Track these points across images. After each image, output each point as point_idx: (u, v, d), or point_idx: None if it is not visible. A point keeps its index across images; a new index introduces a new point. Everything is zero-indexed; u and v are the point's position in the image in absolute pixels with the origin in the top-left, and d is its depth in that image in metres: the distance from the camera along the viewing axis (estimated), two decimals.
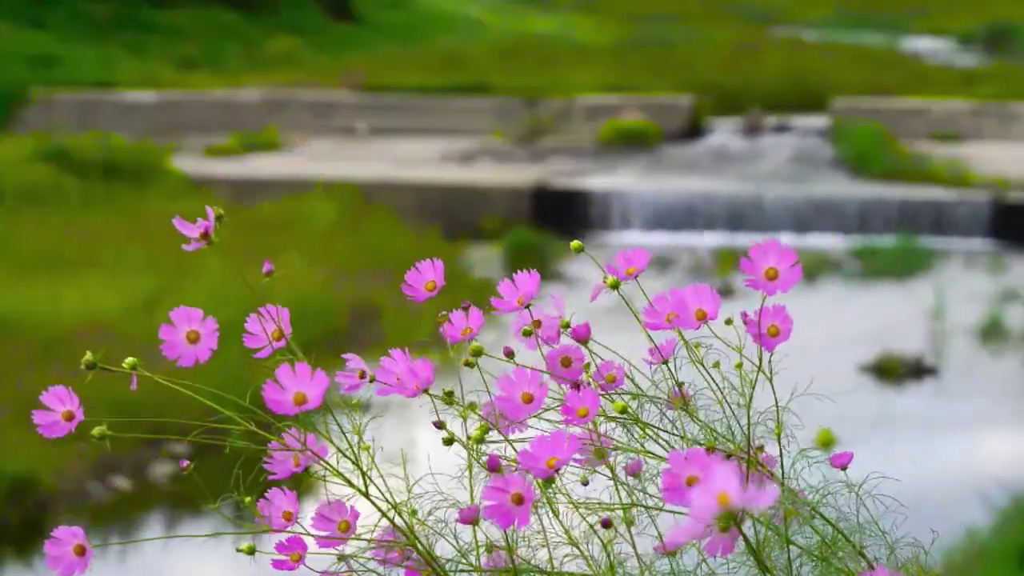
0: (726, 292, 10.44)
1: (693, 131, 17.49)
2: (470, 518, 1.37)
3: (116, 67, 19.97)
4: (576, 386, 1.40)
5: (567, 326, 1.44)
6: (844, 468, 1.42)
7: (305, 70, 20.45)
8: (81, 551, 1.37)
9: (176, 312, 1.38)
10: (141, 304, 9.85)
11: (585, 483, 1.41)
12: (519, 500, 1.29)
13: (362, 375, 1.45)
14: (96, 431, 1.42)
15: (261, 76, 19.93)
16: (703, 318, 1.39)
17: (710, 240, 13.39)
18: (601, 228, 13.78)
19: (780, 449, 1.40)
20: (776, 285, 1.41)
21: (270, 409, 1.40)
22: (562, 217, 13.68)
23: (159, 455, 8.07)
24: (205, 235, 1.43)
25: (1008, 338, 10.65)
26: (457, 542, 1.41)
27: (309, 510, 1.46)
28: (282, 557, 1.44)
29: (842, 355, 9.67)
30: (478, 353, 1.43)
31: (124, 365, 1.42)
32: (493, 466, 1.33)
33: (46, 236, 11.85)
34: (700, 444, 1.38)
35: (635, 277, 1.45)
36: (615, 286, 1.44)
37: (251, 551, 1.44)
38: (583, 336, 1.43)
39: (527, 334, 1.45)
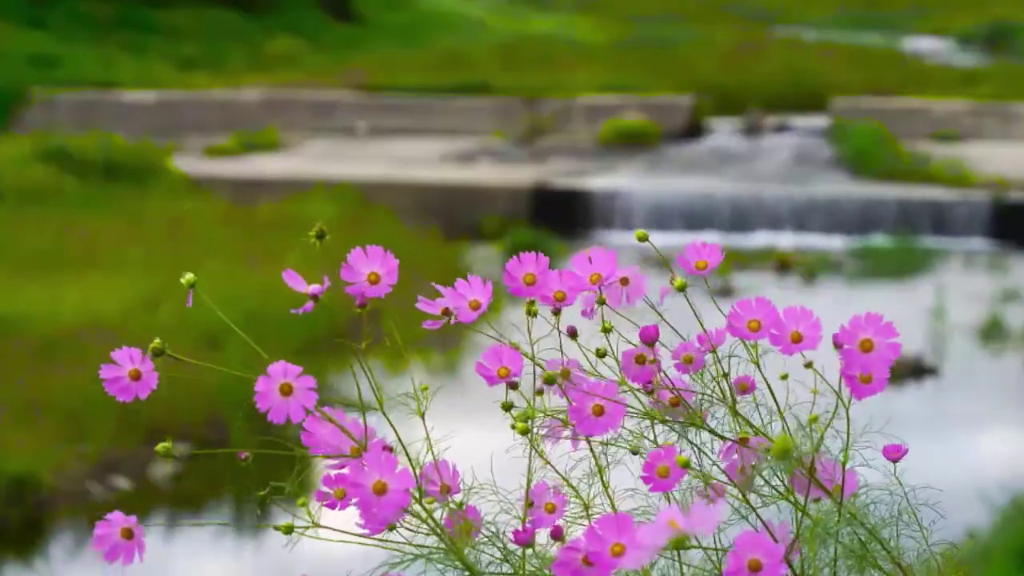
0: (726, 293, 10.44)
1: (693, 131, 17.49)
2: (525, 540, 1.33)
3: (116, 67, 19.97)
4: (650, 390, 1.36)
5: (607, 330, 1.40)
6: (896, 461, 1.41)
7: (305, 70, 20.45)
8: (128, 535, 1.35)
9: (273, 367, 1.35)
10: (141, 304, 9.85)
11: None
12: (589, 563, 1.25)
13: (445, 312, 1.41)
14: (160, 448, 1.40)
15: (261, 76, 19.93)
16: (798, 342, 1.36)
17: (710, 240, 13.38)
18: (601, 228, 13.78)
19: (845, 457, 1.38)
20: (871, 359, 1.37)
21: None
22: (562, 217, 13.68)
23: (159, 455, 8.07)
24: (315, 299, 1.41)
25: (1008, 338, 10.65)
26: (503, 543, 1.37)
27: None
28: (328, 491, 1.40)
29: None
30: (550, 381, 1.37)
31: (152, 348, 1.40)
32: (557, 535, 1.28)
33: (46, 236, 11.85)
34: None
35: (706, 273, 1.42)
36: (682, 288, 1.41)
37: (288, 530, 1.42)
38: (652, 338, 1.38)
39: (606, 330, 1.40)
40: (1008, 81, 19.58)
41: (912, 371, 9.65)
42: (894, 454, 1.41)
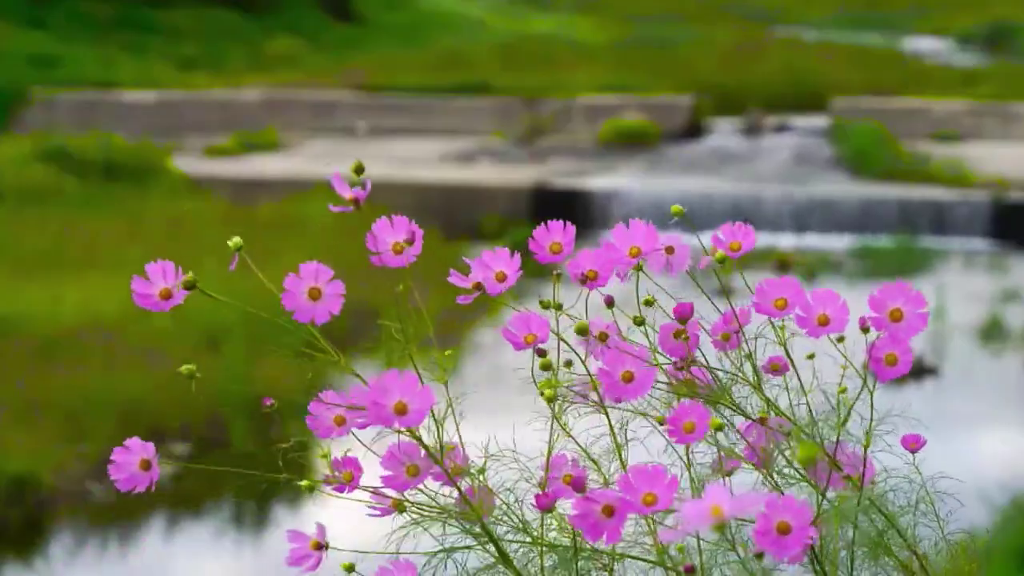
0: (726, 293, 10.41)
1: (693, 131, 17.49)
2: (546, 505, 1.33)
3: (116, 67, 19.96)
4: (683, 365, 1.36)
5: (650, 303, 1.40)
6: (915, 450, 1.41)
7: (305, 70, 20.45)
8: (147, 466, 1.36)
9: (306, 266, 1.34)
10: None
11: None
12: (610, 512, 1.25)
13: (477, 287, 1.40)
14: (184, 369, 1.40)
15: (261, 76, 19.93)
16: (825, 325, 1.36)
17: (710, 240, 13.38)
18: (601, 228, 13.78)
19: (865, 460, 1.38)
20: (900, 328, 1.37)
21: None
22: (562, 217, 13.62)
23: (159, 455, 8.07)
24: (356, 202, 1.40)
25: (1008, 338, 10.65)
26: (522, 512, 1.37)
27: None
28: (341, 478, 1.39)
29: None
30: (583, 331, 1.37)
31: (187, 279, 1.39)
32: (579, 486, 1.28)
33: (46, 236, 11.85)
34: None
35: (739, 255, 1.42)
36: (721, 260, 1.41)
37: (311, 488, 1.42)
38: (687, 315, 1.38)
39: (647, 302, 1.39)
40: (1008, 81, 19.57)
41: (912, 371, 9.64)
42: (913, 444, 1.42)
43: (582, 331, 1.35)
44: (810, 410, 1.39)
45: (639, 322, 1.39)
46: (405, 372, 1.33)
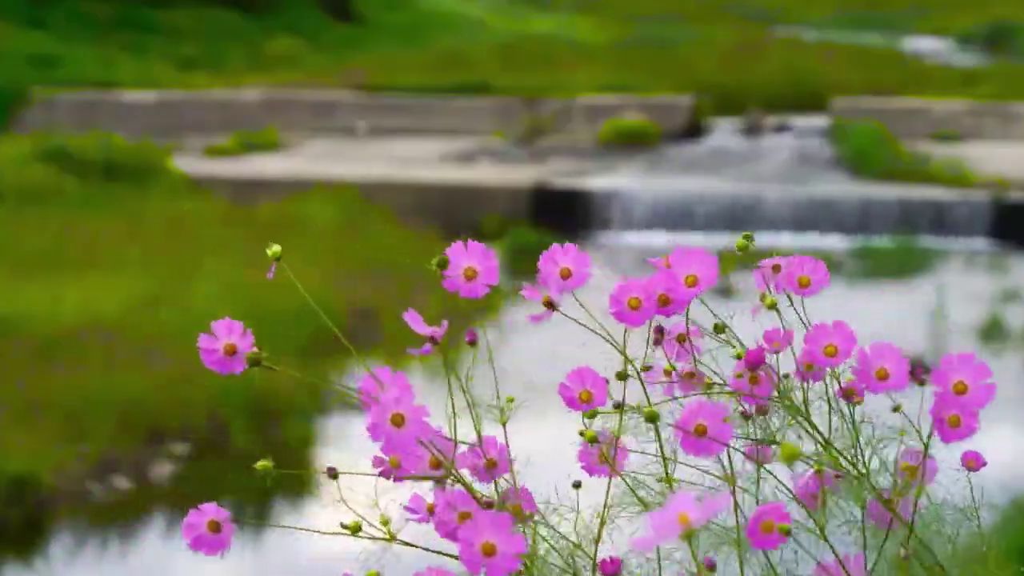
0: (726, 293, 10.41)
1: (693, 131, 17.48)
2: (613, 571, 1.30)
3: (116, 67, 19.96)
4: (762, 411, 1.32)
5: (772, 305, 1.37)
6: (975, 470, 1.38)
7: (305, 70, 20.45)
8: (216, 528, 1.35)
9: (216, 324, 1.34)
10: (141, 304, 9.85)
11: None
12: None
13: (549, 305, 1.36)
14: (250, 355, 1.39)
15: (261, 76, 19.93)
16: (884, 379, 1.33)
17: (710, 240, 13.39)
18: (601, 228, 13.78)
19: (926, 448, 1.37)
20: (967, 400, 1.35)
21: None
22: (562, 217, 13.68)
23: (159, 455, 8.07)
24: (434, 341, 1.39)
25: (1008, 338, 10.65)
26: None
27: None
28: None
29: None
30: (653, 418, 1.33)
31: (251, 355, 1.39)
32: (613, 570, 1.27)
33: (46, 236, 11.85)
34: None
35: (808, 294, 1.39)
36: (772, 307, 1.38)
37: (335, 476, 1.40)
38: (759, 363, 1.33)
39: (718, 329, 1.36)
40: (1008, 81, 19.57)
41: (911, 371, 9.63)
42: (972, 462, 1.38)
43: (652, 419, 1.31)
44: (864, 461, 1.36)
45: (720, 329, 1.36)
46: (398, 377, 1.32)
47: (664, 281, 1.34)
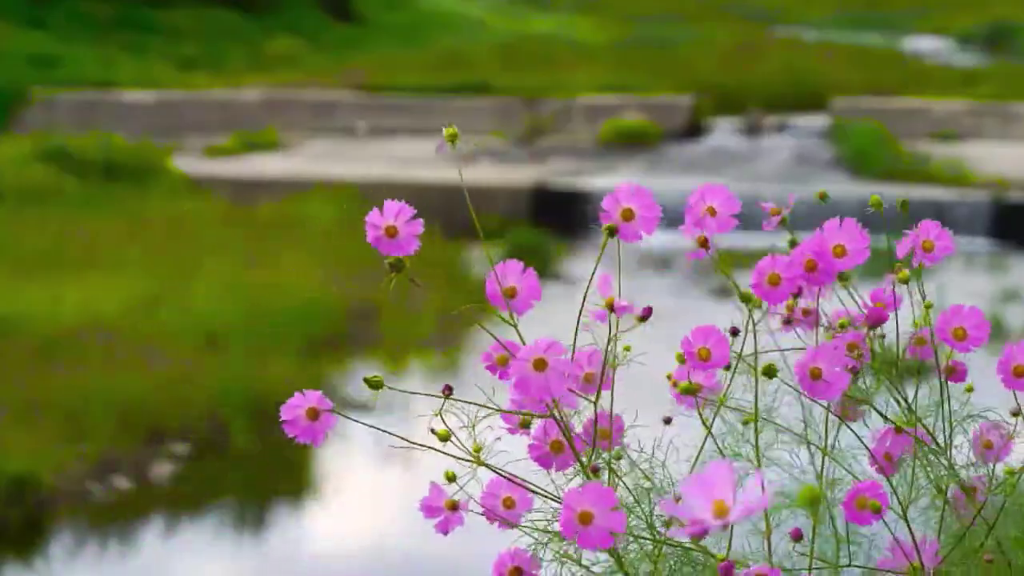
0: (726, 293, 10.42)
1: (693, 131, 17.48)
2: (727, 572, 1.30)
3: (116, 67, 19.96)
4: (855, 372, 1.34)
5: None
6: None
7: (305, 70, 20.44)
8: (315, 415, 1.35)
9: (389, 205, 1.34)
10: (141, 304, 9.84)
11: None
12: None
13: (644, 318, 1.37)
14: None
15: (261, 76, 19.93)
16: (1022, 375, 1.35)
17: (711, 240, 13.39)
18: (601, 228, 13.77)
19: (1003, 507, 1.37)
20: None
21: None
22: (562, 217, 13.68)
23: (159, 455, 8.07)
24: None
25: (1008, 338, 10.64)
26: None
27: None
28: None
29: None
30: (771, 373, 1.34)
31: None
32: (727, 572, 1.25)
33: (46, 236, 11.85)
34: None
35: (935, 260, 1.39)
36: (904, 281, 1.39)
37: (379, 384, 1.40)
38: (881, 321, 1.36)
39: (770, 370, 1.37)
40: (1008, 81, 19.57)
41: (912, 371, 9.63)
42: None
43: (770, 373, 1.33)
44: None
45: (772, 373, 1.37)
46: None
47: (813, 247, 1.37)
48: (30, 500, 7.52)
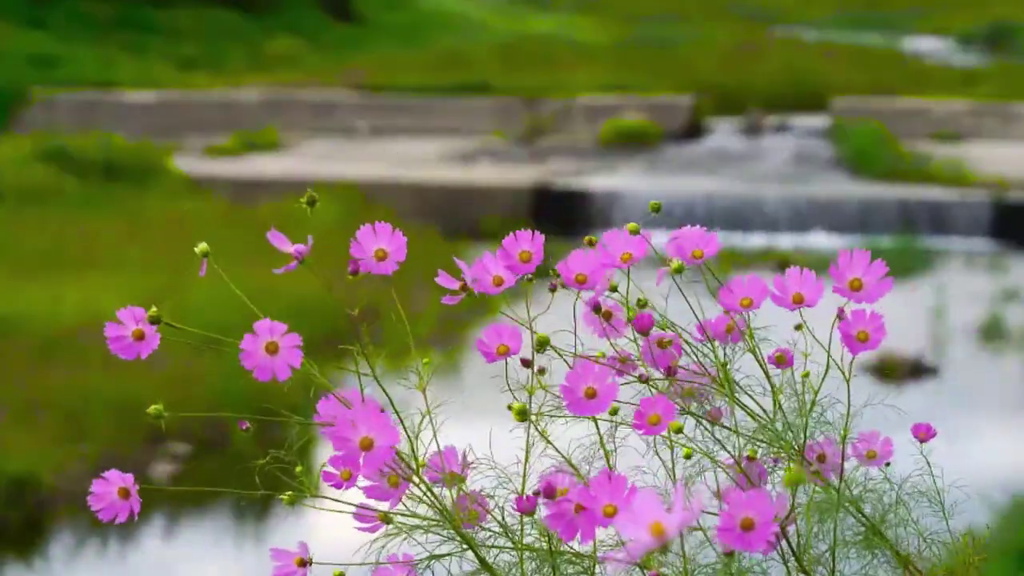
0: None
1: (693, 131, 17.48)
2: (527, 508, 1.34)
3: (116, 67, 19.97)
4: (671, 371, 1.37)
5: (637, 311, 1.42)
6: (924, 440, 1.43)
7: (305, 70, 20.45)
8: (125, 494, 1.36)
9: (259, 324, 1.36)
10: (141, 304, 9.83)
11: None
12: (579, 509, 1.26)
13: (463, 288, 1.39)
14: (152, 410, 1.41)
15: (261, 76, 19.93)
16: (800, 303, 1.40)
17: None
18: (601, 228, 13.78)
19: (843, 452, 1.40)
20: (862, 296, 1.41)
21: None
22: (562, 217, 13.68)
23: (159, 455, 8.07)
24: (300, 259, 1.42)
25: (1008, 338, 10.65)
26: (503, 516, 1.39)
27: None
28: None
29: (843, 355, 9.65)
30: (544, 343, 1.39)
31: (151, 314, 1.41)
32: (549, 493, 1.29)
33: (46, 236, 11.85)
34: (753, 446, 1.37)
35: (702, 261, 1.44)
36: (679, 271, 1.43)
37: (292, 501, 1.42)
38: (646, 327, 1.40)
39: (641, 303, 1.42)
40: (1008, 81, 19.57)
41: (912, 371, 9.65)
42: (923, 434, 1.44)
43: (543, 343, 1.37)
44: (782, 412, 1.40)
45: (642, 304, 1.41)
46: (368, 402, 1.35)
47: (601, 256, 1.41)
48: (30, 500, 7.52)
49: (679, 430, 1.36)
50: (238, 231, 12.06)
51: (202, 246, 1.41)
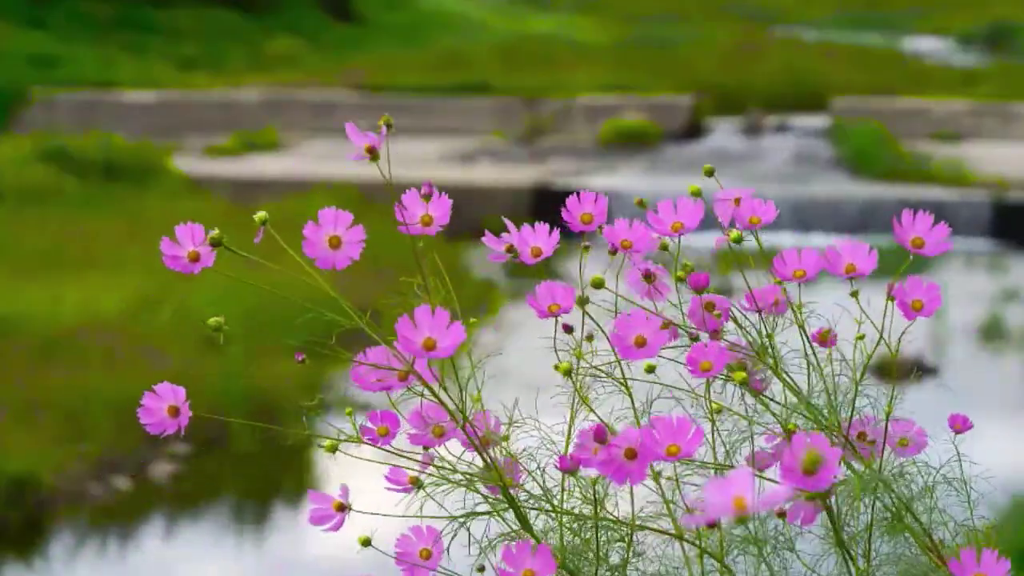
0: (726, 293, 10.41)
1: (693, 131, 17.48)
2: (569, 467, 1.35)
3: (116, 67, 19.97)
4: (716, 334, 1.39)
5: (687, 273, 1.43)
6: (960, 432, 1.44)
7: (305, 70, 20.45)
8: (175, 412, 1.37)
9: (324, 212, 1.37)
10: (141, 304, 9.85)
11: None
12: (632, 455, 1.28)
13: (509, 249, 1.44)
14: (212, 321, 1.41)
15: (261, 76, 19.93)
16: (852, 272, 1.41)
17: (710, 240, 13.39)
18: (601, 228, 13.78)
19: (886, 425, 1.41)
20: (924, 251, 1.42)
21: (400, 348, 1.38)
22: (562, 217, 13.67)
23: (159, 455, 8.07)
24: (372, 153, 1.41)
25: (1008, 338, 10.65)
26: (543, 480, 1.39)
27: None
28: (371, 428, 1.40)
29: (843, 355, 9.65)
30: (599, 285, 1.41)
31: (213, 236, 1.41)
32: (600, 437, 1.29)
33: (46, 236, 11.85)
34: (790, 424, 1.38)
35: (759, 227, 1.43)
36: (737, 240, 1.45)
37: (333, 449, 1.43)
38: (702, 285, 1.42)
39: (688, 267, 1.43)
40: (1008, 81, 19.57)
41: (912, 371, 9.64)
42: (959, 425, 1.45)
43: (598, 285, 1.40)
44: (827, 387, 1.42)
45: (688, 271, 1.43)
46: (437, 309, 1.36)
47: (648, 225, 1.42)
48: (30, 500, 7.52)
49: (744, 382, 1.37)
50: (238, 231, 12.06)
51: (261, 214, 1.41)
